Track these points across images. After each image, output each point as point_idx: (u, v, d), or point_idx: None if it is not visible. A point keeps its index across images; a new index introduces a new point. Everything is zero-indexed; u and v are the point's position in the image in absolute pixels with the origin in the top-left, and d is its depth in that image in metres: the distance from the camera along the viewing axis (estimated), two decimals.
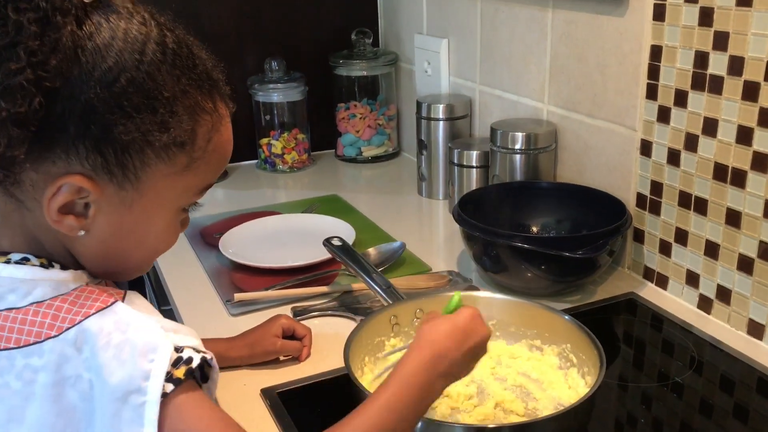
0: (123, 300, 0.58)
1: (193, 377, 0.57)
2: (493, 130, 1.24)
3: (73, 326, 0.55)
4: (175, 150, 0.57)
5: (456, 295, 0.73)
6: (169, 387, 0.55)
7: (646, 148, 1.06)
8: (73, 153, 0.54)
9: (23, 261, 0.59)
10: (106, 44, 0.54)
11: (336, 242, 1.05)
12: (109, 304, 0.57)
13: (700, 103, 0.96)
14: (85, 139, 0.54)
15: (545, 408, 0.80)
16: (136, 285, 1.68)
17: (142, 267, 0.66)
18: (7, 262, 0.58)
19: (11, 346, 0.56)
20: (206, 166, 0.60)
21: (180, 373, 0.55)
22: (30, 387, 0.56)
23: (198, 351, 0.58)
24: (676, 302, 1.05)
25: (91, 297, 0.57)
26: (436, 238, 1.38)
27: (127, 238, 0.60)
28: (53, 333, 0.55)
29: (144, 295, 1.65)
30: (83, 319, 0.55)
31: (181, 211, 0.63)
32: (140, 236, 0.61)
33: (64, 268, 0.59)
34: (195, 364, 0.57)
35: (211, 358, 0.59)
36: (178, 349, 0.56)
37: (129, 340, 0.55)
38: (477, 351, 0.68)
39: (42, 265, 0.58)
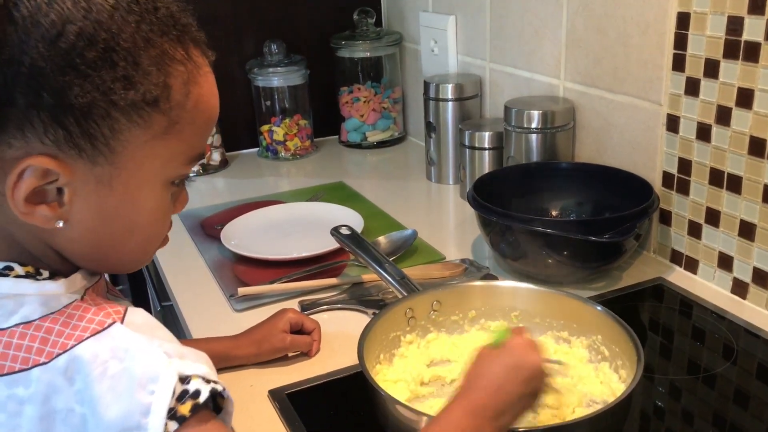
0: (123, 319, 0.51)
1: (206, 407, 0.50)
2: (507, 109, 1.17)
3: (64, 352, 0.48)
4: (148, 110, 0.49)
5: (502, 327, 0.68)
6: (173, 426, 0.47)
7: (672, 124, 0.99)
8: (28, 129, 0.47)
9: (6, 271, 0.51)
10: None
11: (344, 231, 0.98)
12: (105, 326, 0.50)
13: (733, 72, 0.89)
14: (38, 109, 0.46)
15: (574, 404, 0.74)
16: (137, 281, 1.63)
17: (139, 257, 0.58)
18: None
19: None
20: (191, 127, 0.52)
21: (185, 409, 0.48)
22: (15, 420, 0.49)
23: (208, 381, 0.50)
24: (707, 287, 0.99)
25: (86, 317, 0.50)
26: (447, 225, 1.32)
27: (114, 223, 0.52)
28: (42, 359, 0.48)
29: (145, 291, 1.58)
30: (76, 344, 0.48)
31: (170, 186, 0.54)
32: (128, 219, 0.53)
33: (53, 275, 0.52)
34: (203, 398, 0.49)
35: (224, 389, 0.51)
36: (183, 380, 0.49)
37: (127, 369, 0.48)
38: (532, 388, 0.62)
39: (28, 275, 0.51)
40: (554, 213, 1.12)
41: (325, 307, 0.97)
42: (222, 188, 1.50)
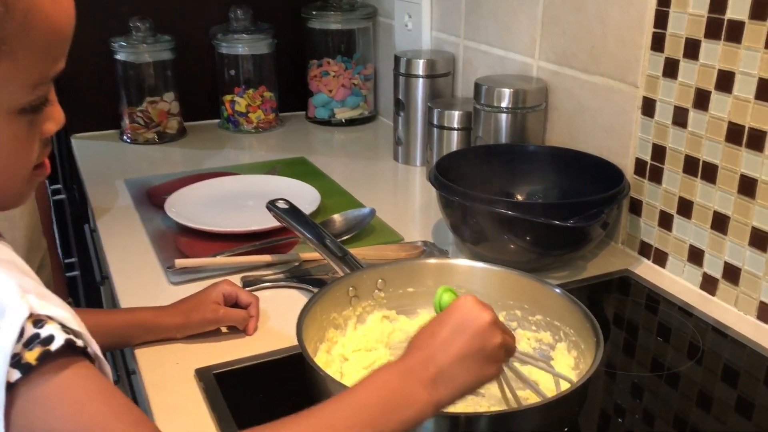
0: None
1: (61, 356, 0.42)
2: (477, 86, 1.11)
3: None
4: None
5: (441, 291, 0.60)
6: (15, 375, 0.40)
7: (648, 107, 0.94)
8: None
9: None
10: None
11: (282, 204, 0.91)
12: None
13: (714, 53, 0.83)
14: None
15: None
16: (86, 252, 1.55)
17: (6, 196, 0.51)
18: None
19: None
20: (23, 48, 0.44)
21: (32, 356, 0.41)
22: None
23: (66, 329, 0.42)
24: (675, 282, 0.94)
25: None
26: (411, 207, 1.26)
27: None
28: None
29: (90, 264, 1.50)
30: None
31: (18, 115, 0.47)
32: None
33: None
34: (56, 345, 0.41)
35: (86, 346, 0.43)
36: (36, 322, 0.41)
37: None
38: (479, 346, 0.54)
39: None
40: (520, 197, 1.06)
41: (268, 284, 0.90)
42: (176, 158, 1.43)
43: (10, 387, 0.40)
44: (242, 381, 0.73)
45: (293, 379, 0.69)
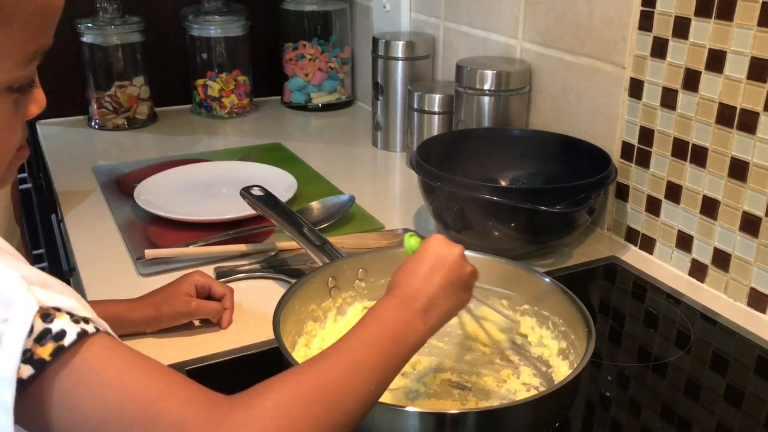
0: None
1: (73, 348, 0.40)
2: (459, 68, 1.08)
3: None
4: None
5: (407, 237, 0.64)
6: (28, 371, 0.38)
7: (636, 89, 0.91)
8: None
9: None
10: None
11: (256, 191, 0.87)
12: None
13: (704, 32, 0.81)
14: None
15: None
16: (54, 243, 1.49)
17: None
18: None
19: None
20: (19, 18, 0.43)
21: (45, 352, 0.39)
22: None
23: (75, 319, 0.41)
24: (663, 268, 0.92)
25: None
26: (391, 194, 1.22)
27: None
28: None
29: (57, 255, 1.46)
30: None
31: (7, 93, 0.45)
32: None
33: None
34: (69, 340, 0.40)
35: (97, 330, 0.42)
36: (45, 316, 0.39)
37: None
38: (456, 276, 0.58)
39: None
40: (504, 183, 1.03)
41: (242, 275, 0.86)
42: (147, 144, 1.37)
43: (22, 383, 0.38)
44: (216, 377, 0.70)
45: (270, 374, 0.65)
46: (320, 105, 1.57)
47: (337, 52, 1.57)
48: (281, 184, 1.08)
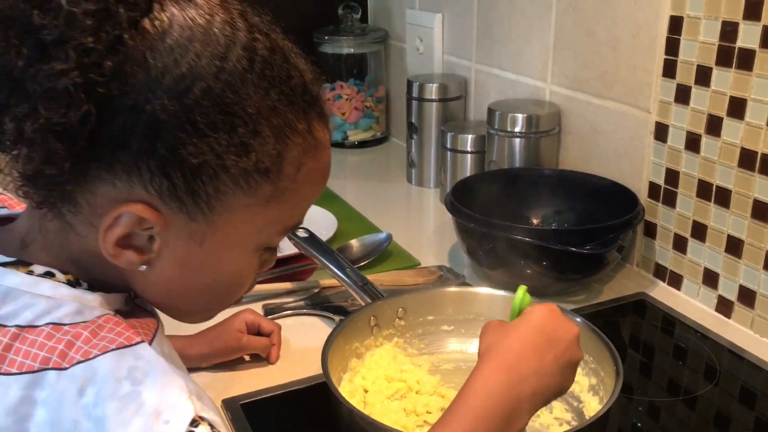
0: (152, 340, 0.47)
1: None
2: (490, 111, 1.13)
3: (84, 360, 0.44)
4: (256, 178, 0.47)
5: (520, 291, 0.60)
6: None
7: (661, 132, 0.95)
8: (135, 174, 0.45)
9: (47, 275, 0.48)
10: (180, 45, 0.44)
11: (301, 233, 0.93)
12: (133, 342, 0.46)
13: (725, 80, 0.85)
14: (149, 158, 0.44)
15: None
16: None
17: (205, 314, 0.57)
18: (29, 273, 0.48)
19: (13, 371, 0.44)
20: (294, 199, 0.50)
21: None
22: (23, 425, 0.44)
23: (214, 430, 0.44)
24: (691, 304, 0.95)
25: (116, 330, 0.46)
26: (426, 230, 1.27)
27: (195, 278, 0.50)
28: (63, 364, 0.44)
29: None
30: (99, 354, 0.44)
31: (260, 251, 0.52)
32: (210, 277, 0.51)
33: (91, 288, 0.49)
34: None
35: None
36: (193, 422, 0.43)
37: (140, 394, 0.43)
38: (568, 356, 0.56)
39: (69, 283, 0.48)
40: (535, 221, 1.08)
41: (289, 312, 0.92)
42: None
43: None
44: (268, 411, 0.75)
45: (319, 408, 0.70)
46: (356, 142, 1.64)
47: (372, 92, 1.63)
48: (322, 222, 1.14)
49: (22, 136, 0.42)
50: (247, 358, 0.83)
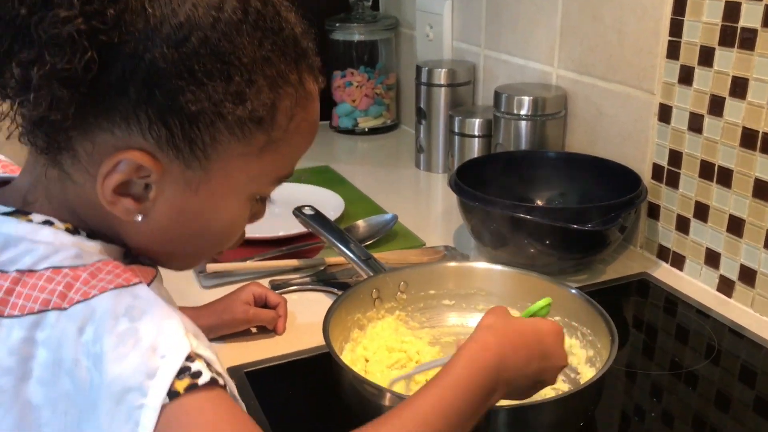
0: (150, 282, 0.49)
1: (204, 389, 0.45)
2: (497, 94, 1.14)
3: (84, 300, 0.46)
4: (251, 126, 0.49)
5: (545, 300, 0.63)
6: (165, 399, 0.43)
7: (664, 114, 0.96)
8: (134, 122, 0.46)
9: (46, 223, 0.50)
10: None
11: (307, 211, 0.95)
12: (131, 283, 0.47)
13: (728, 61, 0.85)
14: (148, 106, 0.46)
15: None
16: None
17: (194, 261, 0.59)
18: (29, 222, 0.49)
19: (15, 313, 0.46)
20: (286, 149, 0.52)
21: (181, 386, 0.43)
22: (27, 365, 0.46)
23: (211, 368, 0.45)
24: (693, 284, 0.95)
25: (114, 272, 0.48)
26: (432, 213, 1.29)
27: (189, 225, 0.52)
28: (63, 304, 0.46)
29: None
30: (97, 294, 0.46)
31: (252, 201, 0.54)
32: (203, 225, 0.52)
33: (90, 236, 0.50)
34: (202, 380, 0.44)
35: (225, 385, 0.46)
36: (188, 358, 0.44)
37: (137, 331, 0.45)
38: (547, 375, 0.60)
39: (68, 231, 0.50)
40: (540, 203, 1.09)
41: (295, 287, 0.93)
42: None
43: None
44: (272, 379, 0.77)
45: (320, 377, 0.72)
46: (366, 129, 1.65)
47: (382, 79, 1.65)
48: (330, 203, 1.16)
49: (29, 83, 0.44)
50: (254, 330, 0.85)
